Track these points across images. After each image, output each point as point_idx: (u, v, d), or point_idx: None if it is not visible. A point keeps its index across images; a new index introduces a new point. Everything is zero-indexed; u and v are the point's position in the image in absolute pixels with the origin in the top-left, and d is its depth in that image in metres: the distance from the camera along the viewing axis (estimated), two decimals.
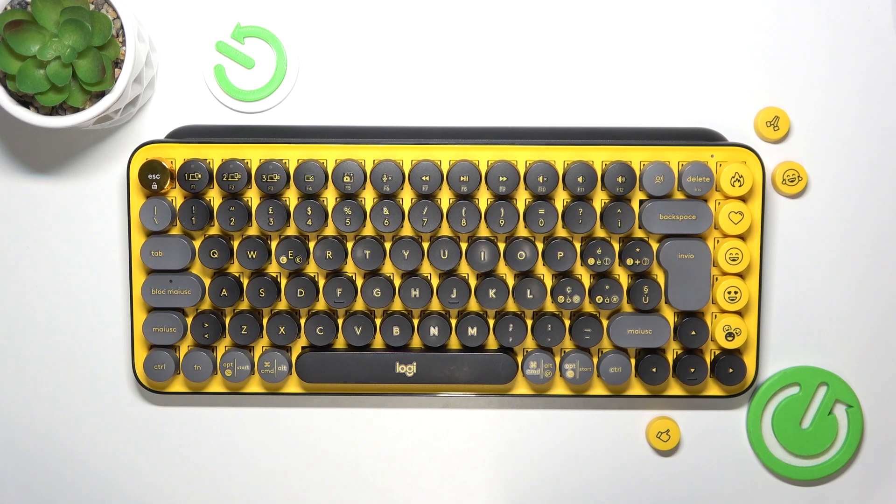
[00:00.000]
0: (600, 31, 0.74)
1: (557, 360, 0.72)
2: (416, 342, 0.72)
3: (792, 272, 0.75)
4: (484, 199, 0.71)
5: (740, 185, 0.70)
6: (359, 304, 0.72)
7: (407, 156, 0.70)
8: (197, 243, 0.71)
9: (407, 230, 0.71)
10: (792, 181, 0.73)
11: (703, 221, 0.70)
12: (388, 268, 0.71)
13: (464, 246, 0.71)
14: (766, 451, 0.75)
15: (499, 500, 0.76)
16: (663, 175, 0.69)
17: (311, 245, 0.71)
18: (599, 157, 0.70)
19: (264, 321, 0.71)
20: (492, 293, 0.70)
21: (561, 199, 0.71)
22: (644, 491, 0.76)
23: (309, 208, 0.70)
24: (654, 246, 0.71)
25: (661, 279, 0.71)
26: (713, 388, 0.73)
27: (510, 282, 0.71)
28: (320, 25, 0.74)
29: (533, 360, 0.71)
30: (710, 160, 0.70)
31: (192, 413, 0.75)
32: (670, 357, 0.72)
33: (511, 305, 0.72)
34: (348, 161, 0.69)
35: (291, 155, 0.70)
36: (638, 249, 0.70)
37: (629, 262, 0.70)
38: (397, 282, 0.71)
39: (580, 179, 0.69)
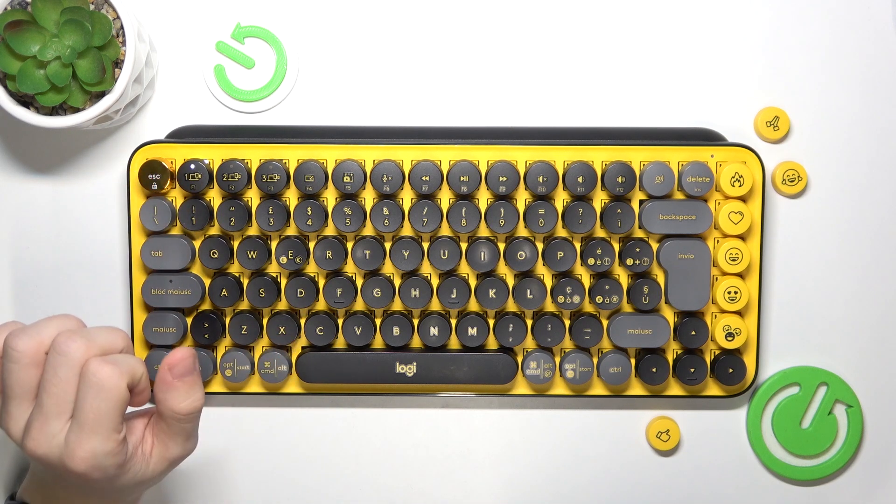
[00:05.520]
0: (600, 32, 0.74)
1: (557, 360, 0.72)
2: (416, 342, 0.72)
3: (792, 272, 0.75)
4: (484, 199, 0.71)
5: (740, 185, 0.70)
6: (359, 304, 0.72)
7: (407, 156, 0.70)
8: (197, 243, 0.71)
9: (407, 230, 0.71)
10: (792, 181, 0.73)
11: (703, 221, 0.70)
12: (388, 268, 0.71)
13: (464, 246, 0.71)
14: (766, 451, 0.75)
15: (499, 500, 0.76)
16: (663, 175, 0.69)
17: (311, 245, 0.71)
18: (599, 157, 0.70)
19: (264, 321, 0.71)
20: (492, 293, 0.70)
21: (561, 199, 0.71)
22: (644, 491, 0.76)
23: (309, 208, 0.70)
24: (654, 246, 0.71)
25: (661, 279, 0.71)
26: (713, 388, 0.73)
27: (510, 282, 0.71)
28: (320, 25, 0.74)
29: (533, 360, 0.71)
30: (710, 160, 0.70)
31: None
32: (670, 357, 0.72)
33: (511, 305, 0.72)
34: (348, 161, 0.69)
35: (291, 155, 0.70)
36: (638, 249, 0.70)
37: (629, 262, 0.70)
38: (397, 282, 0.71)
39: (580, 179, 0.69)
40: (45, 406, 0.58)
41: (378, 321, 0.71)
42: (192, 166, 0.69)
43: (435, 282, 0.71)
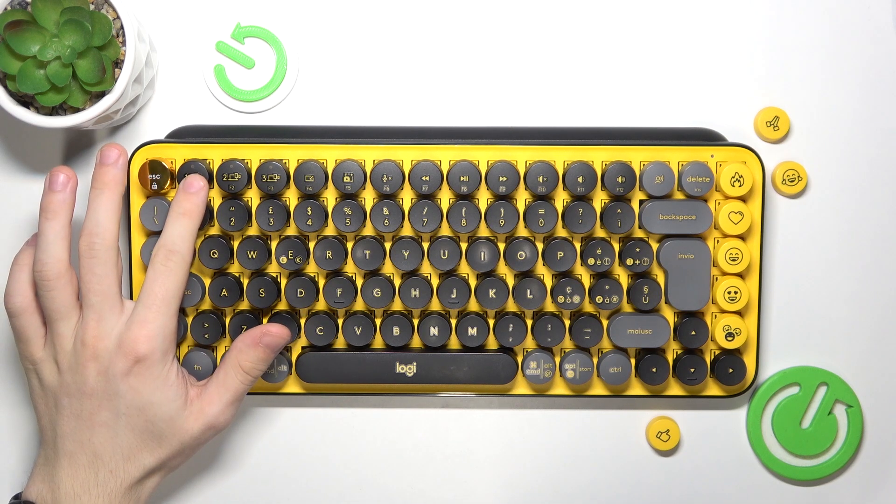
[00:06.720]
0: (600, 32, 0.74)
1: (557, 360, 0.72)
2: (416, 342, 0.72)
3: (792, 272, 0.75)
4: (484, 199, 0.71)
5: (740, 185, 0.70)
6: (359, 304, 0.72)
7: (407, 156, 0.70)
8: (197, 243, 0.71)
9: (407, 230, 0.71)
10: (792, 181, 0.73)
11: (703, 221, 0.70)
12: (388, 268, 0.71)
13: (464, 246, 0.71)
14: (766, 451, 0.75)
15: (499, 500, 0.76)
16: (663, 175, 0.69)
17: (311, 245, 0.71)
18: (599, 157, 0.70)
19: (264, 321, 0.71)
20: (492, 293, 0.70)
21: (561, 199, 0.71)
22: (644, 491, 0.76)
23: (309, 208, 0.70)
24: (654, 246, 0.71)
25: (661, 279, 0.71)
26: (713, 388, 0.73)
27: (510, 282, 0.71)
28: (320, 25, 0.74)
29: (533, 360, 0.71)
30: (710, 160, 0.70)
31: None
32: (670, 357, 0.72)
33: (511, 305, 0.72)
34: (348, 161, 0.69)
35: (291, 155, 0.70)
36: (638, 249, 0.70)
37: (629, 262, 0.70)
38: (397, 282, 0.71)
39: (580, 179, 0.69)
40: (94, 304, 0.65)
41: (378, 321, 0.71)
42: (193, 166, 0.69)
43: (435, 282, 0.71)
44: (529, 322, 0.72)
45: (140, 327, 0.65)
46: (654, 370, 0.71)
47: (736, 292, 0.71)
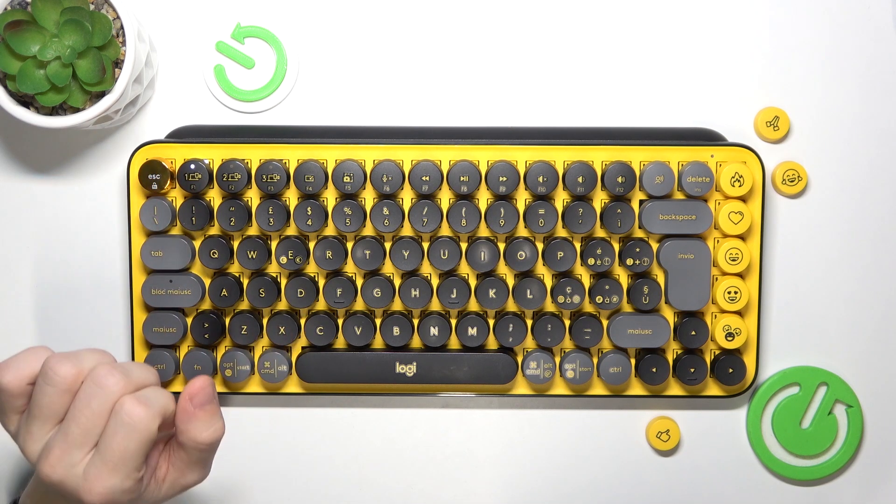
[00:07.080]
0: (600, 32, 0.74)
1: (557, 360, 0.72)
2: (416, 342, 0.72)
3: (792, 272, 0.75)
4: (484, 199, 0.71)
5: (740, 185, 0.70)
6: (359, 304, 0.72)
7: (407, 156, 0.70)
8: (197, 243, 0.71)
9: (407, 230, 0.71)
10: (792, 181, 0.73)
11: (703, 221, 0.70)
12: (388, 268, 0.71)
13: (464, 246, 0.71)
14: (766, 451, 0.75)
15: (499, 500, 0.76)
16: (663, 175, 0.69)
17: (311, 245, 0.71)
18: (599, 157, 0.70)
19: (264, 321, 0.71)
20: (492, 293, 0.70)
21: (561, 199, 0.71)
22: (644, 491, 0.76)
23: (309, 208, 0.70)
24: (654, 246, 0.71)
25: (661, 279, 0.71)
26: (713, 388, 0.73)
27: (510, 282, 0.71)
28: (320, 25, 0.74)
29: (533, 360, 0.71)
30: (710, 160, 0.70)
31: None
32: (670, 357, 0.72)
33: (511, 305, 0.72)
34: (348, 161, 0.69)
35: (291, 155, 0.70)
36: (638, 249, 0.70)
37: (629, 262, 0.70)
38: (397, 282, 0.71)
39: (580, 179, 0.69)
40: (71, 434, 0.58)
41: (378, 321, 0.71)
42: (192, 166, 0.69)
43: (435, 282, 0.71)
44: (529, 322, 0.72)
45: (95, 481, 0.58)
46: (654, 370, 0.71)
47: (736, 292, 0.71)
